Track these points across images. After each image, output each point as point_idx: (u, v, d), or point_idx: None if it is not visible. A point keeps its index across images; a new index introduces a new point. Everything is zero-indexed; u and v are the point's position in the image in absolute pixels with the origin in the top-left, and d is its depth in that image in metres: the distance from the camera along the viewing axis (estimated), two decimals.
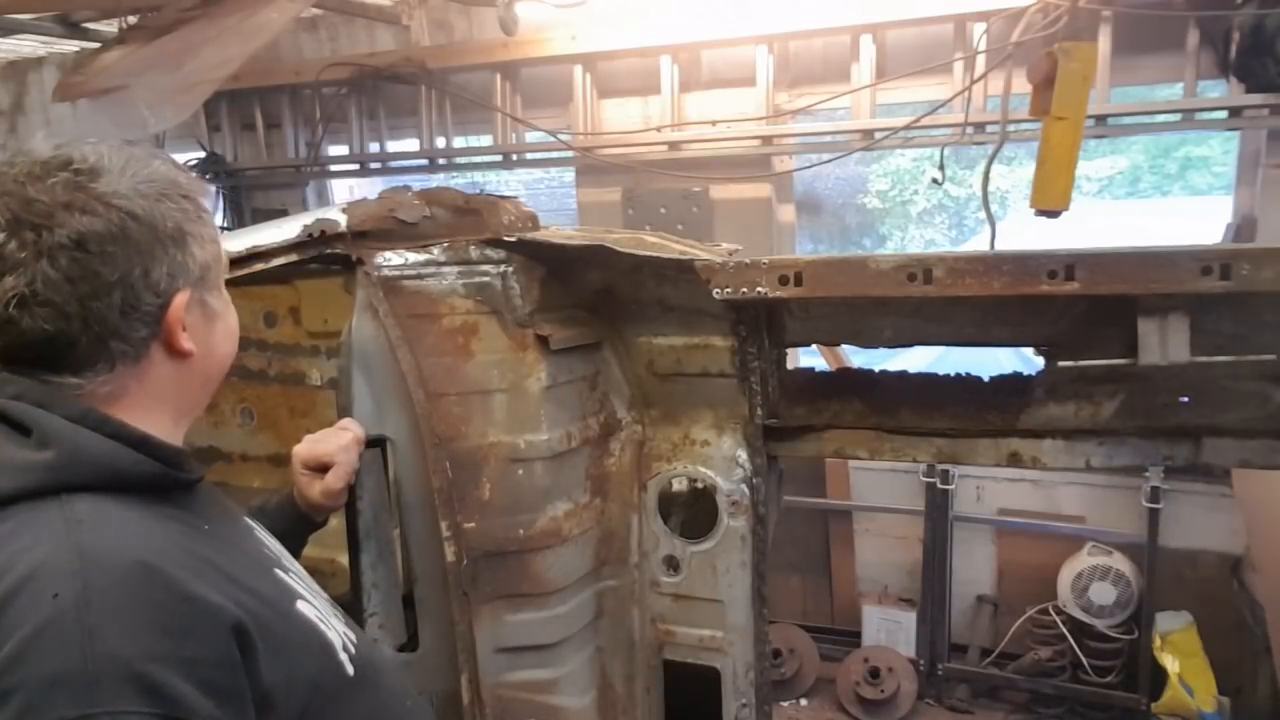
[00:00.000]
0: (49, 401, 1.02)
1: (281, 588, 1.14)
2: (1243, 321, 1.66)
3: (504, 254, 1.93)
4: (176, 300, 1.08)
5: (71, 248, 0.99)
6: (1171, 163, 15.27)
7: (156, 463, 1.05)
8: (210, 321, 1.15)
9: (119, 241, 1.02)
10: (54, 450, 0.98)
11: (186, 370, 1.13)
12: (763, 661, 2.12)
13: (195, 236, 1.11)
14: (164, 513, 1.04)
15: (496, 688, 1.96)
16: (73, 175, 1.03)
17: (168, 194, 1.08)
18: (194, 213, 1.11)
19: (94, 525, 0.96)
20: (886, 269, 1.70)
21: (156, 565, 0.94)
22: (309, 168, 5.77)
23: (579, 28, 4.87)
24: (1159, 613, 4.32)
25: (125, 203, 1.03)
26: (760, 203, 4.92)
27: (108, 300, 1.02)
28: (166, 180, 1.09)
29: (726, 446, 2.05)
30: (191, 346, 1.11)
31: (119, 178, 1.05)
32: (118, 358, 1.05)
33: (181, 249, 1.08)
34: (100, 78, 4.27)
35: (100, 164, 1.05)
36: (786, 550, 5.01)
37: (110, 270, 1.02)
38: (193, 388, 1.16)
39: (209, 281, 1.14)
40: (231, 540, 1.14)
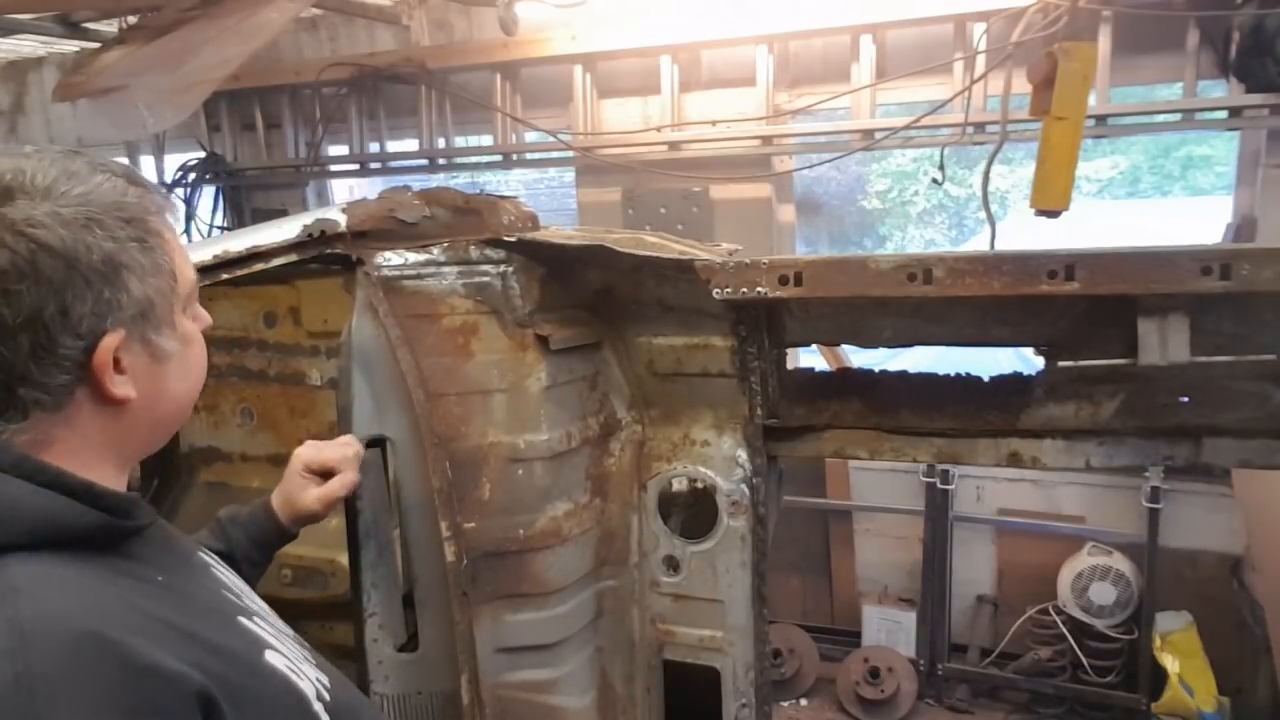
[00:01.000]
0: None
1: (247, 638, 1.04)
2: (1243, 321, 1.66)
3: (504, 254, 1.93)
4: (105, 342, 0.95)
5: None
6: (1172, 163, 15.28)
7: (101, 513, 0.94)
8: (158, 362, 1.02)
9: (26, 278, 0.89)
10: None
11: (127, 416, 1.00)
12: (763, 661, 2.12)
13: (133, 268, 0.97)
14: (112, 567, 0.94)
15: (496, 688, 1.96)
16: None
17: (98, 219, 0.94)
18: (132, 240, 0.97)
19: (32, 593, 0.85)
20: (886, 269, 1.70)
21: (107, 635, 0.84)
22: (309, 168, 5.77)
23: (579, 28, 4.87)
24: (1159, 613, 4.32)
25: (39, 232, 0.90)
26: (760, 203, 4.93)
27: (11, 344, 0.90)
28: (104, 203, 0.96)
29: (726, 446, 2.05)
30: (128, 392, 0.98)
31: (39, 201, 0.91)
32: (31, 405, 0.93)
33: (111, 285, 0.95)
34: (100, 78, 4.27)
35: (19, 183, 0.92)
36: (786, 550, 5.02)
37: (13, 310, 0.89)
38: (137, 433, 1.03)
39: (154, 318, 1.00)
40: (188, 591, 1.03)
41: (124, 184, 1.00)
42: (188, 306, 1.09)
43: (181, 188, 6.01)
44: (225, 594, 1.12)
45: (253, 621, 1.08)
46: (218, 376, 2.75)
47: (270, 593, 2.28)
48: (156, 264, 1.00)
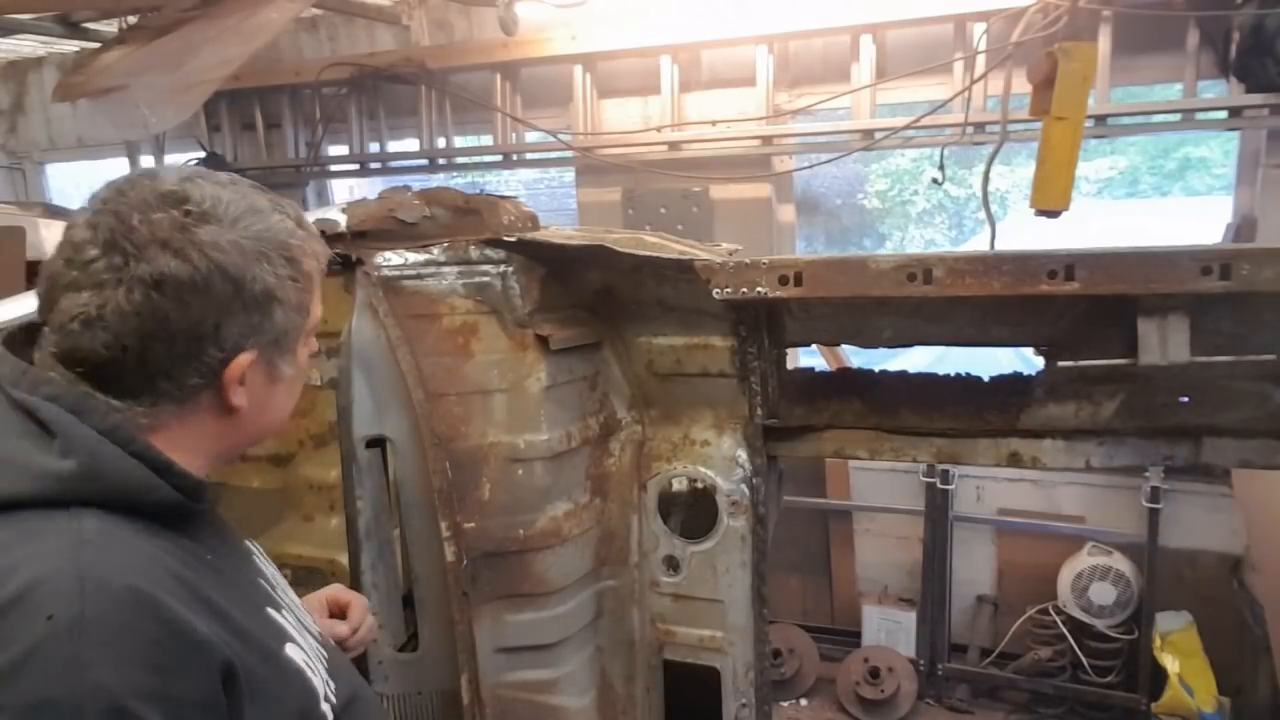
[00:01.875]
0: (81, 409, 1.00)
1: (273, 629, 1.12)
2: (1243, 321, 1.66)
3: (504, 254, 1.93)
4: (240, 359, 1.06)
5: (149, 285, 0.99)
6: (1171, 163, 15.27)
7: (175, 491, 1.03)
8: (273, 383, 1.14)
9: (199, 292, 1.01)
10: (75, 461, 0.97)
11: (234, 423, 1.11)
12: (763, 661, 2.12)
13: (283, 302, 1.09)
14: (171, 540, 1.02)
15: (496, 688, 1.96)
16: (182, 215, 1.02)
17: (267, 254, 1.07)
18: (289, 278, 1.09)
19: (99, 547, 0.94)
20: (886, 269, 1.70)
21: (155, 596, 0.93)
22: (309, 168, 5.77)
23: (579, 28, 4.87)
24: (1159, 613, 4.32)
25: (220, 256, 1.02)
26: (760, 203, 4.92)
27: (168, 344, 1.02)
28: (274, 240, 1.08)
29: (726, 446, 2.05)
30: (242, 403, 1.09)
31: (226, 229, 1.04)
32: (161, 395, 1.04)
33: (263, 312, 1.07)
34: (100, 78, 4.26)
35: (214, 210, 1.04)
36: (786, 550, 5.01)
37: (181, 317, 1.01)
38: (234, 439, 1.14)
39: (284, 346, 1.12)
40: (231, 574, 1.12)
41: (293, 225, 1.12)
42: (308, 338, 1.19)
43: None
44: (261, 582, 1.21)
45: (280, 614, 1.16)
46: None
47: None
48: (300, 302, 1.12)
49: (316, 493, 2.72)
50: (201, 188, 1.06)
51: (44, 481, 0.96)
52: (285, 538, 2.64)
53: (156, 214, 1.02)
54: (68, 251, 1.02)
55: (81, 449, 0.97)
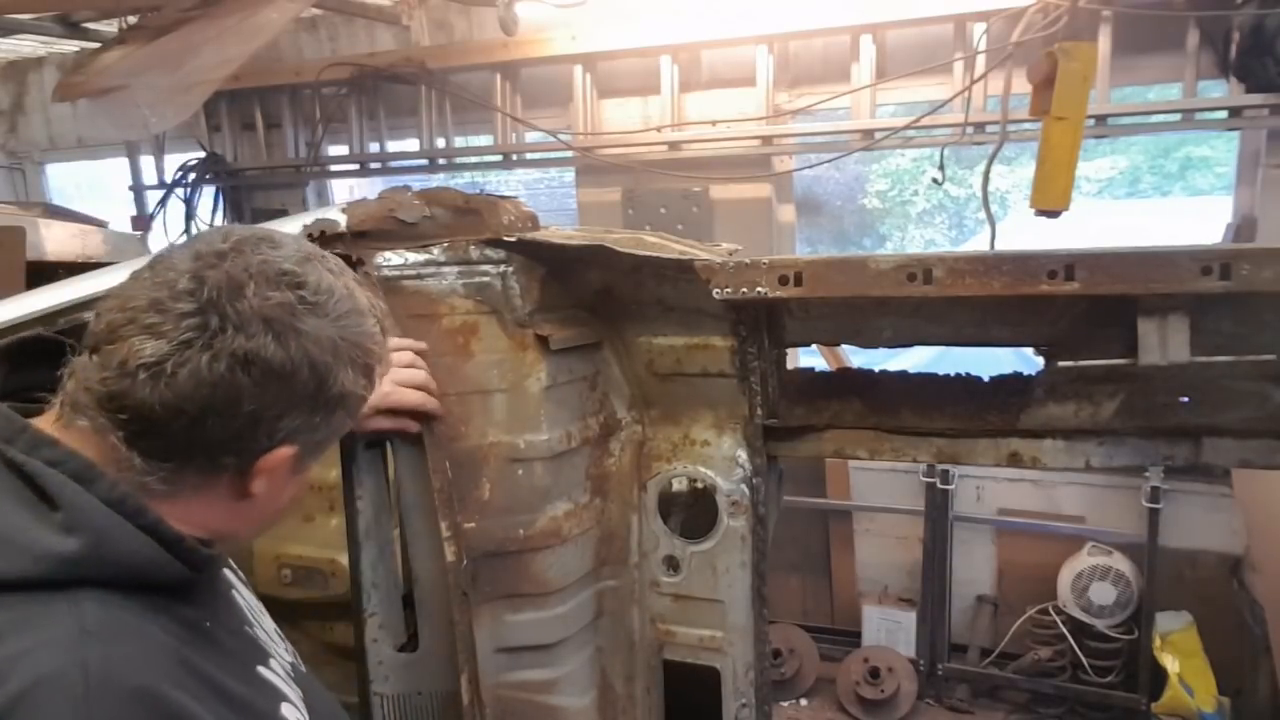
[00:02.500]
0: (87, 478, 0.92)
1: (268, 690, 1.07)
2: (1243, 321, 1.66)
3: (504, 254, 1.93)
4: (281, 451, 1.01)
5: (239, 361, 0.94)
6: (1171, 163, 15.27)
7: (185, 568, 0.97)
8: (291, 478, 1.09)
9: (283, 380, 0.97)
10: (80, 540, 0.89)
11: (241, 510, 1.06)
12: (763, 661, 2.11)
13: (349, 410, 1.06)
14: (174, 616, 0.97)
15: (496, 688, 1.96)
16: (296, 299, 0.98)
17: (356, 359, 1.04)
18: (364, 385, 1.07)
19: (104, 639, 0.87)
20: (886, 269, 1.70)
21: (161, 693, 0.88)
22: (309, 168, 5.77)
23: (579, 28, 4.87)
24: (1159, 613, 4.32)
25: (316, 351, 0.98)
26: (760, 203, 4.93)
27: (227, 422, 0.96)
28: (361, 345, 1.05)
29: (726, 446, 2.05)
30: (260, 491, 1.04)
31: (329, 324, 1.00)
32: (188, 466, 0.98)
33: (327, 414, 1.03)
34: (100, 78, 4.27)
35: (324, 303, 1.00)
36: (786, 550, 5.02)
37: (253, 400, 0.96)
38: (237, 524, 1.08)
39: (325, 446, 1.09)
40: (226, 638, 1.06)
41: (378, 332, 1.10)
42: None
43: (181, 188, 6.02)
44: (247, 632, 1.14)
45: (269, 669, 1.11)
46: None
47: (270, 593, 2.30)
48: (355, 407, 1.09)
49: (316, 493, 2.71)
50: (319, 274, 1.02)
51: (45, 563, 0.88)
52: (285, 538, 2.64)
53: (271, 291, 0.97)
54: (160, 292, 0.94)
55: (87, 525, 0.90)
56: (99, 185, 8.01)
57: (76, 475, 0.92)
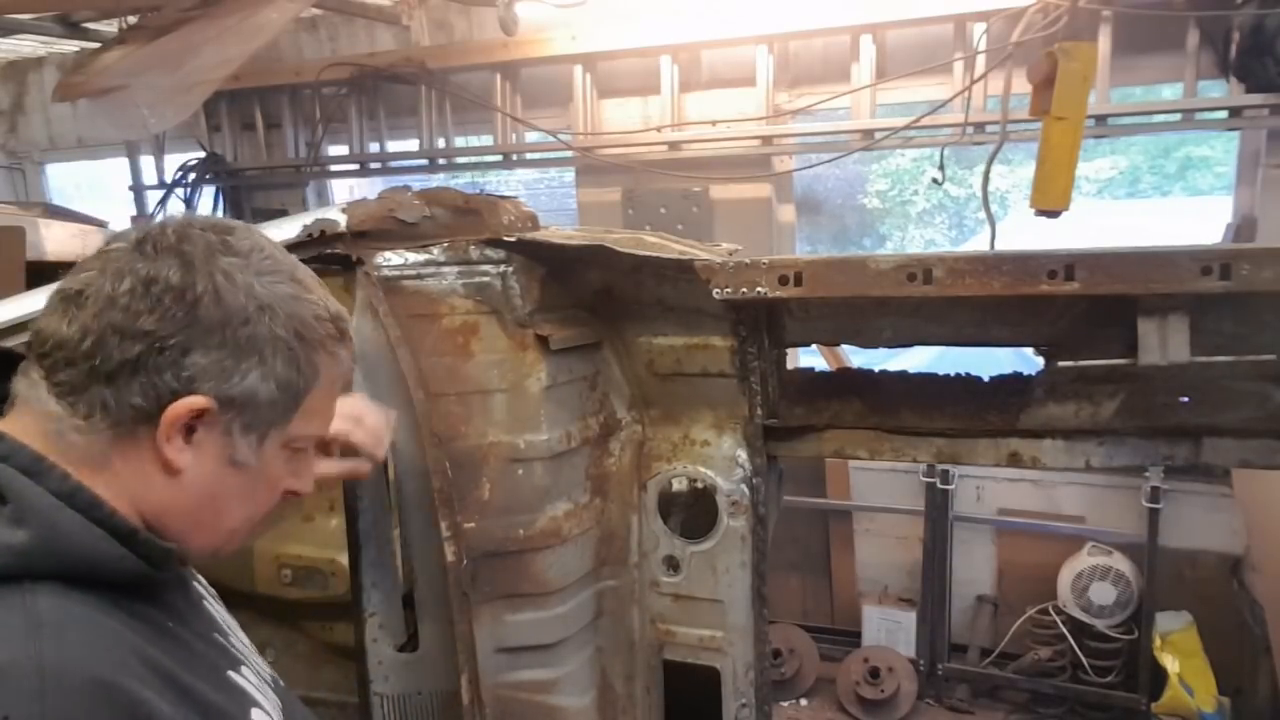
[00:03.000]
0: (36, 470, 0.91)
1: (236, 694, 1.03)
2: (1243, 321, 1.66)
3: (504, 254, 1.93)
4: (191, 400, 0.95)
5: (140, 280, 0.93)
6: (1171, 163, 15.27)
7: (140, 561, 0.94)
8: (225, 464, 1.01)
9: (181, 304, 0.94)
10: (29, 531, 0.87)
11: (170, 488, 0.99)
12: (763, 661, 2.12)
13: (265, 365, 0.98)
14: (133, 612, 0.94)
15: (496, 688, 1.96)
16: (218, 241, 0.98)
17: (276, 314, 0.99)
18: (289, 349, 1.00)
19: (57, 631, 0.84)
20: (886, 269, 1.70)
21: (118, 684, 0.85)
22: (309, 168, 5.77)
23: (579, 28, 4.87)
24: (1159, 613, 4.32)
25: (224, 283, 0.96)
26: (760, 203, 4.93)
27: (128, 344, 0.93)
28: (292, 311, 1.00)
29: (726, 446, 2.05)
30: (179, 462, 0.97)
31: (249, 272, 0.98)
32: (97, 407, 0.94)
33: (236, 360, 0.96)
34: (100, 78, 4.27)
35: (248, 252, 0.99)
36: (786, 550, 5.02)
37: (150, 320, 0.93)
38: (171, 513, 1.00)
39: (248, 419, 1.00)
40: (191, 639, 1.03)
41: (328, 322, 1.04)
42: (291, 450, 1.08)
43: (181, 188, 6.02)
44: (217, 639, 1.11)
45: (240, 674, 1.08)
46: None
47: (270, 593, 2.30)
48: (288, 382, 1.01)
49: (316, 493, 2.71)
50: (254, 236, 1.01)
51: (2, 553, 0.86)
52: (285, 538, 2.64)
53: (195, 231, 0.98)
54: (107, 245, 0.99)
55: (36, 517, 0.88)
56: (99, 185, 8.01)
57: (25, 468, 0.91)
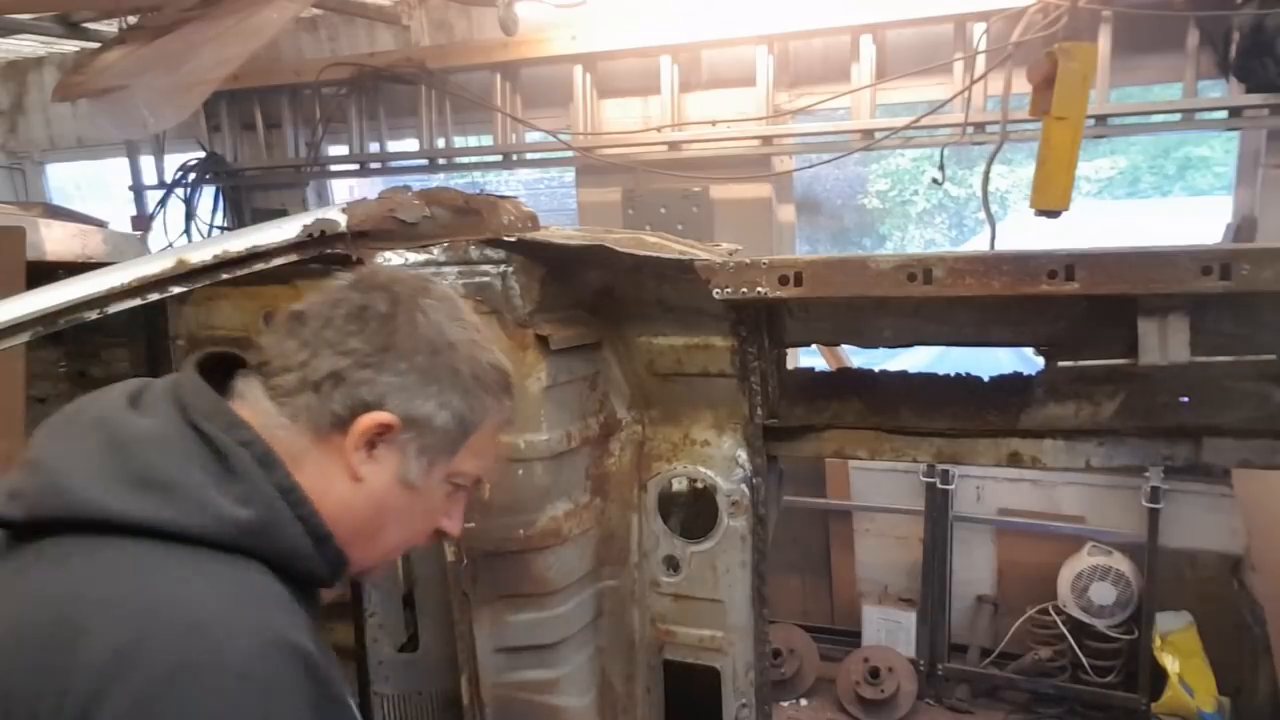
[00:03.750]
0: (268, 462, 1.02)
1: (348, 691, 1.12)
2: (1243, 321, 1.66)
3: (504, 254, 1.93)
4: (381, 416, 1.06)
5: (354, 308, 1.07)
6: (1171, 163, 15.26)
7: (324, 565, 1.05)
8: (397, 482, 1.10)
9: (382, 326, 1.07)
10: (253, 512, 0.98)
11: (353, 494, 1.09)
12: (763, 661, 2.12)
13: (444, 401, 1.10)
14: (310, 607, 1.05)
15: (496, 688, 1.96)
16: (423, 286, 1.13)
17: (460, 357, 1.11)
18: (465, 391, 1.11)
19: (273, 606, 0.96)
20: (886, 269, 1.70)
21: (315, 662, 0.95)
22: (309, 168, 5.77)
23: (579, 28, 4.87)
24: (1159, 613, 4.32)
25: (422, 319, 1.09)
26: (760, 203, 4.93)
27: (336, 359, 1.06)
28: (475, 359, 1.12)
29: (726, 446, 2.05)
30: (360, 472, 1.08)
31: (448, 318, 1.11)
32: (302, 411, 1.06)
33: (421, 386, 1.08)
34: (100, 78, 4.26)
35: (451, 304, 1.14)
36: (786, 550, 5.01)
37: (358, 338, 1.06)
38: (351, 518, 1.09)
39: (425, 443, 1.10)
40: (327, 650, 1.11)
41: (502, 378, 1.18)
42: (451, 486, 1.17)
43: (181, 188, 6.02)
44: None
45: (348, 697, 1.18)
46: None
47: None
48: (461, 416, 1.12)
49: None
50: (449, 291, 1.18)
51: (222, 525, 0.96)
52: None
53: (403, 275, 1.14)
54: None
55: (260, 502, 0.99)
56: (99, 185, 8.01)
57: (259, 459, 1.01)
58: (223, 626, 0.90)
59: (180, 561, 0.94)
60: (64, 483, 0.95)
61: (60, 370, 2.93)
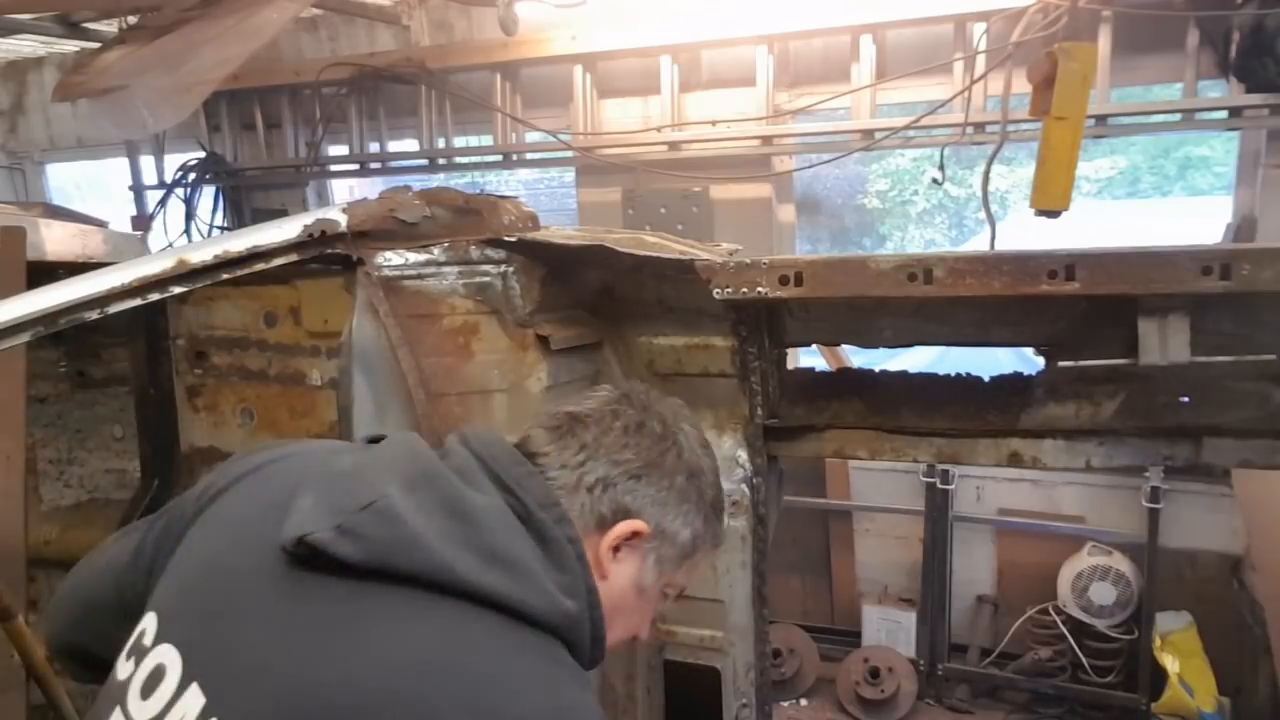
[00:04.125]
0: (584, 560, 1.10)
1: None
2: (1243, 321, 1.66)
3: (504, 254, 1.93)
4: (635, 521, 1.15)
5: (630, 424, 1.19)
6: (1171, 163, 15.27)
7: (592, 661, 1.10)
8: (633, 582, 1.19)
9: (647, 441, 1.18)
10: (577, 605, 1.05)
11: (602, 591, 1.13)
12: (763, 661, 2.12)
13: (685, 520, 1.19)
14: None
15: None
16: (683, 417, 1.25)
17: (704, 483, 1.22)
18: (699, 515, 1.20)
19: (583, 689, 1.03)
20: (886, 269, 1.70)
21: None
22: (309, 168, 5.77)
23: (579, 28, 4.87)
24: (1159, 613, 4.32)
25: (682, 440, 1.21)
26: (760, 203, 4.93)
27: (610, 467, 1.15)
28: (715, 489, 1.25)
29: (726, 446, 2.05)
30: (607, 570, 1.16)
31: (702, 450, 1.24)
32: (576, 508, 1.13)
33: (671, 504, 1.18)
34: (100, 78, 4.26)
35: (700, 444, 1.25)
36: (786, 550, 5.02)
37: (628, 450, 1.16)
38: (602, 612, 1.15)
39: (663, 554, 1.19)
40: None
41: (726, 507, 1.31)
42: (663, 595, 1.26)
43: (181, 188, 6.02)
44: None
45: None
46: (218, 376, 2.75)
47: None
48: (696, 535, 1.21)
49: None
50: (692, 420, 1.28)
51: (559, 614, 1.02)
52: None
53: (663, 398, 1.26)
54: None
55: (581, 597, 1.07)
56: (99, 185, 8.01)
57: (579, 556, 1.09)
58: (582, 708, 0.99)
59: (527, 641, 1.00)
60: (425, 541, 0.99)
61: (60, 370, 2.93)
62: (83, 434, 2.99)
